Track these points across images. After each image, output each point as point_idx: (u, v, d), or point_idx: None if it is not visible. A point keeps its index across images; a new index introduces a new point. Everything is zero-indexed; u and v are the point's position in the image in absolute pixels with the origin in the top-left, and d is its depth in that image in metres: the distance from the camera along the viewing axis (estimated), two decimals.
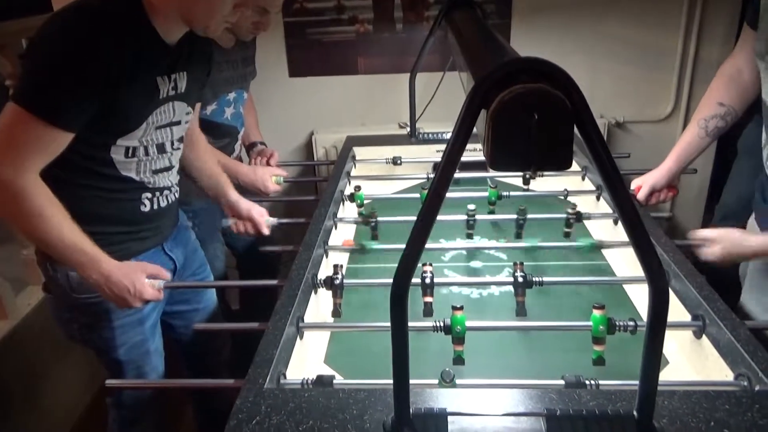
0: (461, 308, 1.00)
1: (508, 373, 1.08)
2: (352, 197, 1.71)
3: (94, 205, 1.20)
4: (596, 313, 0.99)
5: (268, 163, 1.97)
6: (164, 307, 1.44)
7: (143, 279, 1.22)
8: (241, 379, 0.93)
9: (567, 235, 1.52)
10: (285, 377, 0.98)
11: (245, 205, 1.53)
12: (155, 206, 1.29)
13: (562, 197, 1.73)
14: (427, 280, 1.17)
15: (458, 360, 1.01)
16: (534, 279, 1.17)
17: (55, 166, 1.07)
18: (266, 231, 1.55)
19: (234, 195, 1.53)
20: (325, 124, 2.43)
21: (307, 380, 0.96)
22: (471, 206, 1.52)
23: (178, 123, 1.27)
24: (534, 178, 1.80)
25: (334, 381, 0.96)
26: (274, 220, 1.55)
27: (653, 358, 0.72)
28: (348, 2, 2.25)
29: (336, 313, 1.19)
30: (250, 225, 1.56)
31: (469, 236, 1.56)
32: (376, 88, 2.38)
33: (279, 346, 0.99)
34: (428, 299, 1.16)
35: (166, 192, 1.31)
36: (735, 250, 1.21)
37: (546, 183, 1.82)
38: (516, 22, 2.27)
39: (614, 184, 0.66)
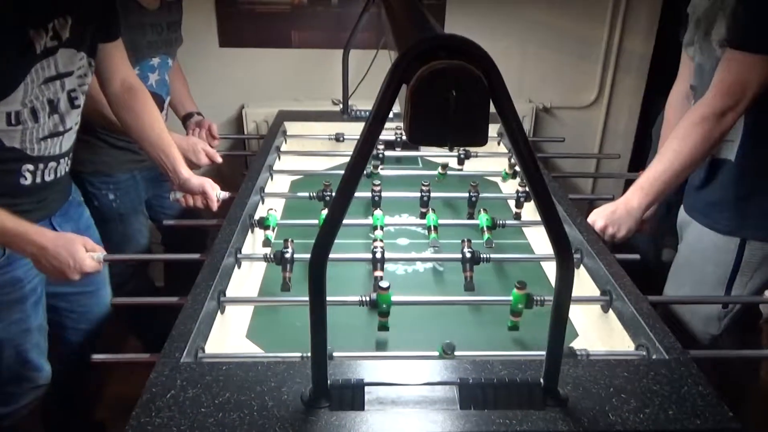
0: (388, 288, 1.04)
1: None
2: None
3: None
4: (517, 291, 1.05)
5: (211, 135, 1.91)
6: (47, 287, 1.37)
7: (83, 251, 1.16)
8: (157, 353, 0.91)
9: (518, 216, 1.56)
10: (203, 351, 0.96)
11: (197, 180, 1.48)
12: (38, 179, 1.20)
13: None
14: (378, 255, 1.19)
15: (383, 328, 1.06)
16: (482, 255, 1.21)
17: None
18: (216, 206, 1.51)
19: (186, 171, 1.47)
20: (257, 98, 2.37)
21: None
22: (425, 183, 1.50)
23: (69, 74, 1.15)
24: (468, 158, 1.84)
25: (254, 355, 0.95)
26: (225, 194, 1.51)
27: (558, 329, 0.76)
28: None
29: (285, 287, 1.18)
30: (200, 199, 1.51)
31: (423, 215, 1.49)
32: (310, 63, 2.34)
33: (198, 320, 0.97)
34: (378, 273, 1.18)
35: (52, 164, 1.22)
36: (616, 217, 1.30)
37: (481, 164, 1.86)
38: (450, 5, 2.29)
39: (527, 162, 0.68)
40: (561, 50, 2.42)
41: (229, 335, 1.13)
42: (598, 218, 1.33)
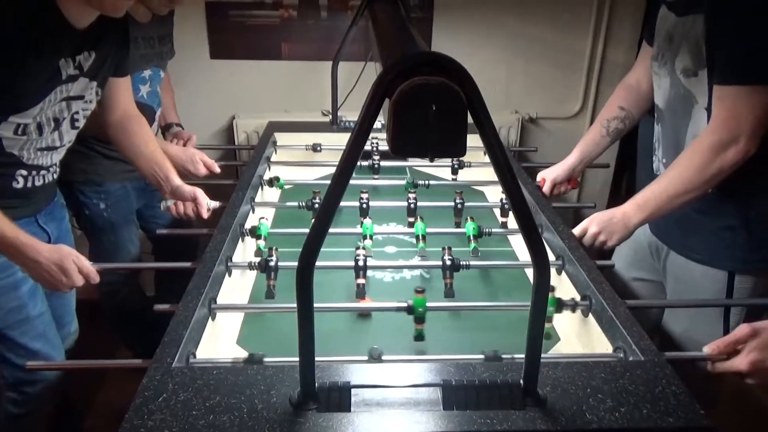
0: (423, 291, 1.05)
1: (430, 349, 1.14)
2: (270, 182, 1.72)
3: None
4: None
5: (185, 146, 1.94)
6: None
7: (74, 267, 1.21)
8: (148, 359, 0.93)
9: (504, 225, 1.60)
10: (194, 356, 0.99)
11: (188, 189, 1.52)
12: (29, 184, 1.28)
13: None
14: (360, 263, 1.21)
15: (419, 337, 1.07)
16: (462, 262, 1.23)
17: None
18: (206, 214, 1.54)
19: (177, 180, 1.52)
20: (247, 109, 2.40)
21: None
22: (411, 193, 1.54)
23: (80, 98, 1.25)
24: (461, 168, 1.87)
25: (246, 359, 0.98)
26: (215, 204, 1.54)
27: (536, 332, 0.79)
28: None
29: (270, 294, 1.20)
30: (191, 207, 1.55)
31: (411, 224, 1.51)
32: (300, 75, 2.38)
33: (189, 327, 1.00)
34: (361, 281, 1.21)
35: (43, 172, 1.30)
36: (611, 226, 1.33)
37: (473, 173, 1.90)
38: (437, 17, 2.34)
39: (504, 172, 0.72)
40: (546, 62, 2.48)
41: (219, 342, 1.16)
42: (593, 223, 1.36)
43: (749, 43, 1.13)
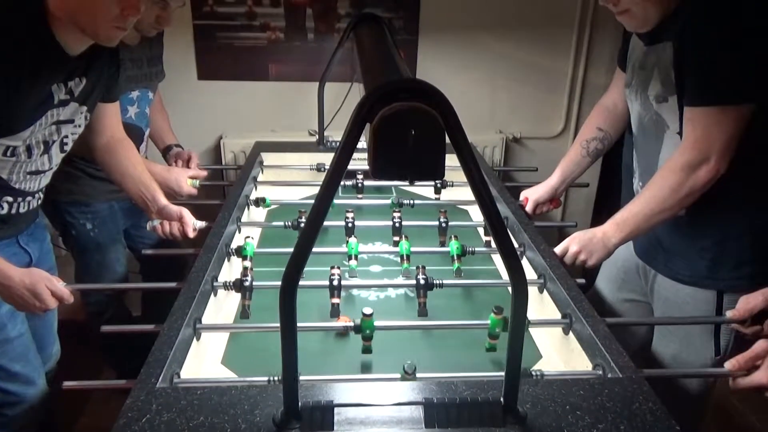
0: (371, 315, 1.08)
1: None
2: (257, 202, 1.73)
3: None
4: (494, 316, 1.11)
5: (188, 167, 1.95)
6: None
7: (46, 291, 1.21)
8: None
9: (488, 243, 1.62)
10: (179, 377, 0.99)
11: (175, 208, 1.53)
12: (13, 211, 1.30)
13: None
14: (335, 282, 1.23)
15: (366, 350, 1.11)
16: (435, 282, 1.25)
17: None
18: (192, 233, 1.54)
19: (163, 200, 1.53)
20: (235, 129, 2.42)
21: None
22: (396, 212, 1.56)
23: (70, 122, 1.28)
24: (444, 187, 1.90)
25: (228, 380, 0.98)
26: (202, 223, 1.55)
27: (516, 349, 0.81)
28: (260, 9, 2.26)
29: (245, 314, 1.22)
30: (177, 227, 1.55)
31: (396, 243, 1.52)
32: (287, 95, 2.41)
33: (174, 347, 1.00)
34: (335, 300, 1.22)
35: (29, 198, 1.32)
36: (591, 245, 1.35)
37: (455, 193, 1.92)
38: (423, 39, 2.38)
39: (481, 193, 0.74)
40: (529, 83, 2.53)
41: (204, 361, 1.16)
42: (573, 243, 1.38)
43: (716, 65, 1.17)
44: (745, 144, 1.21)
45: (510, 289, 1.41)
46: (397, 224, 1.54)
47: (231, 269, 1.46)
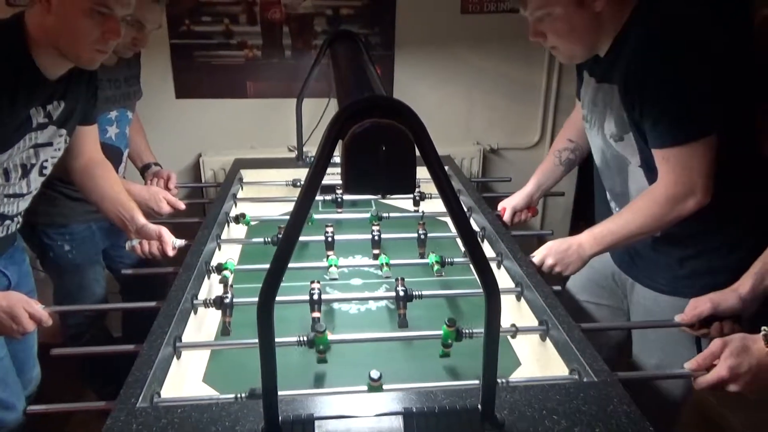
0: (323, 331, 1.10)
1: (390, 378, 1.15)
2: (237, 219, 1.74)
3: None
4: (447, 328, 1.13)
5: (166, 187, 1.94)
6: None
7: (25, 315, 1.20)
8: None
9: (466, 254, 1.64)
10: (159, 396, 0.99)
11: (153, 227, 1.53)
12: None
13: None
14: (315, 296, 1.23)
15: (322, 361, 1.13)
16: (414, 293, 1.26)
17: None
18: (171, 252, 1.54)
19: (142, 219, 1.53)
20: (214, 147, 2.43)
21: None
22: (375, 225, 1.57)
23: (49, 145, 1.28)
24: (423, 199, 1.92)
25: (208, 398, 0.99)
26: (181, 242, 1.55)
27: (491, 357, 0.83)
28: (237, 27, 2.28)
29: (225, 331, 1.22)
30: (156, 246, 1.55)
31: (376, 256, 1.54)
32: (265, 112, 2.42)
33: (154, 366, 1.00)
34: (316, 314, 1.23)
35: (7, 222, 1.32)
36: (567, 257, 1.38)
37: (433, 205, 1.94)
38: (399, 55, 2.42)
39: (452, 206, 0.76)
40: (505, 95, 2.57)
41: (185, 380, 1.16)
42: (549, 255, 1.40)
43: (677, 105, 1.16)
44: (718, 162, 1.21)
45: (478, 297, 1.46)
46: (376, 237, 1.56)
47: (211, 287, 1.46)
